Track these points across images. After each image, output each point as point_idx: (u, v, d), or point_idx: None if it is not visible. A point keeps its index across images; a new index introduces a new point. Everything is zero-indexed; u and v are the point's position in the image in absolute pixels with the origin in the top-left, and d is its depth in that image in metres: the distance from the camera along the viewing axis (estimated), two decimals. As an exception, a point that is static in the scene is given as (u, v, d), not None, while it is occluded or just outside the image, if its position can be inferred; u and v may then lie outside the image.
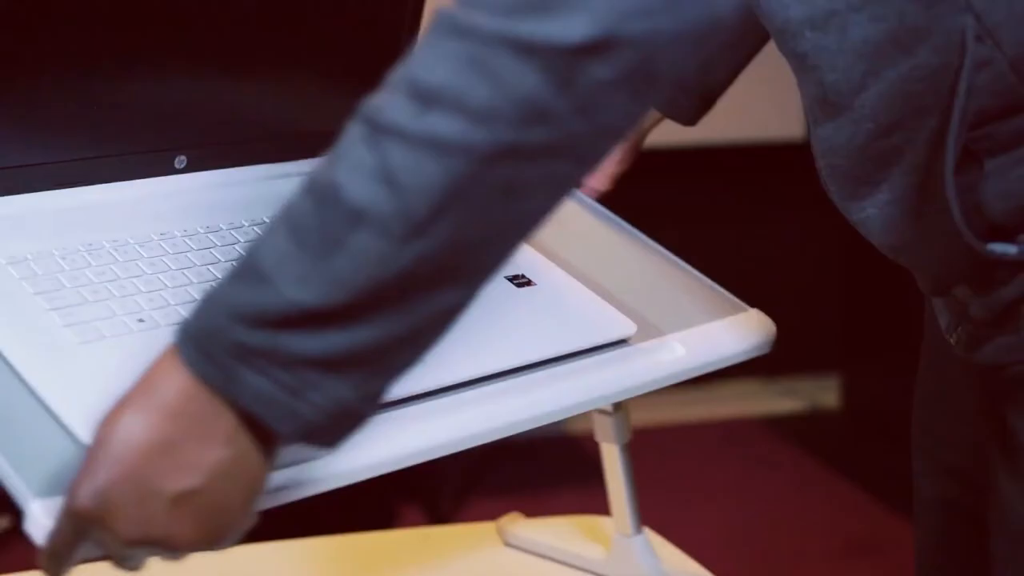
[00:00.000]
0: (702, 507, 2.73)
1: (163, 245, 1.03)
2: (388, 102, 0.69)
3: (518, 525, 1.35)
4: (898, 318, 2.96)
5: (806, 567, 2.61)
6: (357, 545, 1.39)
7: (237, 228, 1.07)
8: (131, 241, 1.02)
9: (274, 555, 1.33)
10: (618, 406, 1.22)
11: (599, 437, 1.24)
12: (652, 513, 1.28)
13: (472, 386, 0.96)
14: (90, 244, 1.00)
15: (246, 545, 1.33)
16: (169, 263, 1.01)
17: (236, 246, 1.05)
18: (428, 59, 0.69)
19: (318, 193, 0.71)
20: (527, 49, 0.67)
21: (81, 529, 0.75)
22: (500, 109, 0.67)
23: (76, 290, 0.95)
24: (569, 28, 0.66)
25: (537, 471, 2.83)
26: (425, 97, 0.68)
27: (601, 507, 1.31)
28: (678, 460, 2.96)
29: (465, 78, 0.67)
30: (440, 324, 0.74)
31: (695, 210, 2.99)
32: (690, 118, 1.22)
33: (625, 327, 1.05)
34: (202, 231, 1.05)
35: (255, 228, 1.07)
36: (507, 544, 1.34)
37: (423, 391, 0.93)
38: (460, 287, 0.73)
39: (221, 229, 1.06)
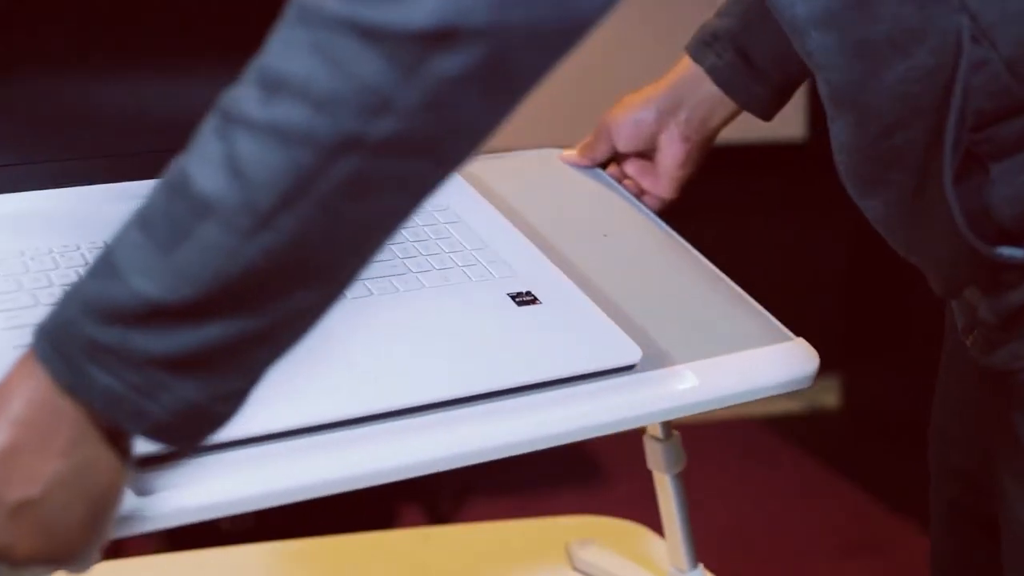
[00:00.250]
0: (702, 507, 2.72)
1: None
2: (239, 92, 0.68)
3: (583, 549, 1.30)
4: (898, 318, 2.97)
5: (806, 567, 2.61)
6: (357, 545, 1.39)
7: None
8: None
9: (274, 555, 1.33)
10: (669, 433, 1.17)
11: (650, 464, 1.19)
12: (653, 512, 1.27)
13: (453, 407, 0.92)
14: (65, 246, 0.99)
15: (247, 545, 1.34)
16: None
17: None
18: (278, 47, 0.67)
19: (171, 184, 0.69)
20: (371, 34, 0.65)
21: None
22: (344, 97, 0.65)
23: (32, 292, 0.94)
24: (412, 14, 0.64)
25: (537, 471, 2.83)
26: (272, 85, 0.66)
27: (600, 507, 1.32)
28: (678, 460, 2.96)
29: (311, 65, 0.66)
30: (297, 325, 0.72)
31: (695, 209, 2.99)
32: (766, 111, 1.17)
33: (629, 353, 0.98)
34: None
35: None
36: (575, 569, 1.30)
37: (395, 408, 0.90)
38: (314, 288, 0.71)
39: None
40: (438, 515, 2.64)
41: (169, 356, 0.69)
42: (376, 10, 0.65)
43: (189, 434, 0.72)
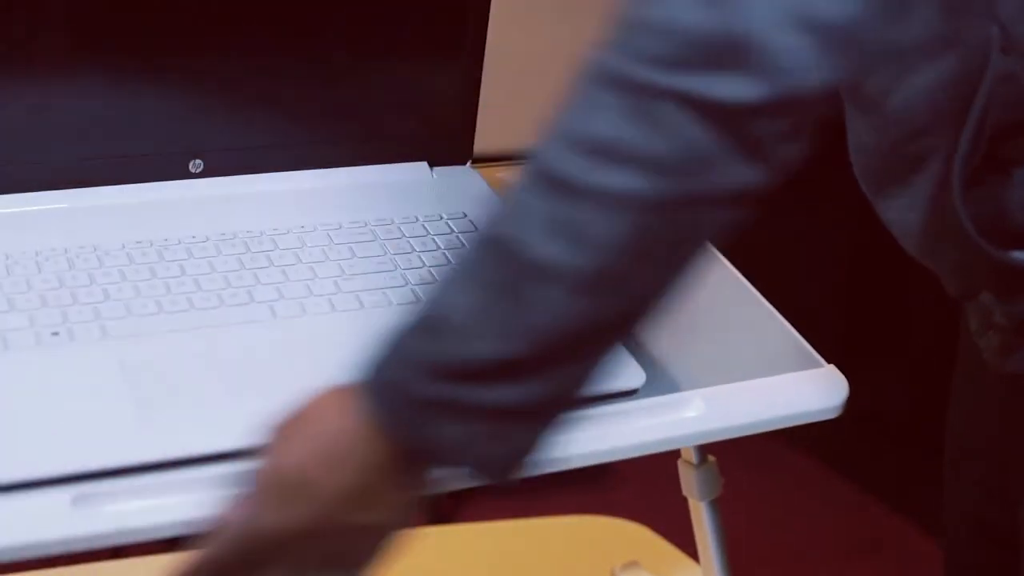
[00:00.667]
0: (702, 507, 2.72)
1: (131, 255, 0.99)
2: (560, 155, 0.71)
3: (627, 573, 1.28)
4: (899, 319, 2.96)
5: (806, 567, 2.61)
6: (357, 545, 1.39)
7: (229, 240, 1.03)
8: (96, 249, 0.99)
9: (274, 555, 1.33)
10: (704, 458, 1.12)
11: (684, 491, 1.14)
12: (653, 512, 1.27)
13: None
14: (53, 249, 0.98)
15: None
16: (125, 274, 0.97)
17: (210, 260, 1.00)
18: (595, 112, 0.70)
19: (501, 248, 0.72)
20: (700, 106, 0.68)
21: (251, 557, 0.78)
22: (675, 162, 0.69)
23: (9, 297, 0.93)
24: (744, 89, 0.67)
25: (537, 471, 2.82)
26: (597, 151, 0.69)
27: (601, 507, 1.31)
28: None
29: (637, 132, 0.68)
30: (607, 358, 0.77)
31: (695, 210, 2.98)
32: None
33: (631, 377, 0.95)
34: (184, 242, 1.02)
35: (249, 243, 1.03)
36: None
37: None
38: (631, 328, 0.76)
39: (209, 240, 1.02)
40: (438, 515, 2.64)
41: (515, 406, 0.73)
42: (704, 82, 0.68)
43: (516, 471, 0.77)
